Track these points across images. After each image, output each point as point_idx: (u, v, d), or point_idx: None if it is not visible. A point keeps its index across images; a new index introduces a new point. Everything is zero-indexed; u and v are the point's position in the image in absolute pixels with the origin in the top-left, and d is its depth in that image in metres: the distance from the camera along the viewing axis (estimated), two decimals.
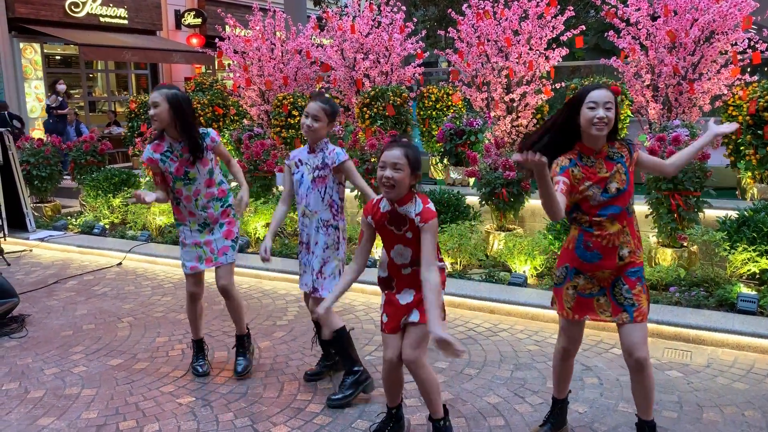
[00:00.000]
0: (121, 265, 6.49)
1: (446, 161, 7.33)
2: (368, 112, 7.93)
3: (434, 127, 8.20)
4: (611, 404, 3.38)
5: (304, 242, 3.51)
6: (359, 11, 8.78)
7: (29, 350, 4.30)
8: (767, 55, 6.97)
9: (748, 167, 6.17)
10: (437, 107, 8.42)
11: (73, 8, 14.26)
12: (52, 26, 13.69)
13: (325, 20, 8.91)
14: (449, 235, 5.46)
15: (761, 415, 3.25)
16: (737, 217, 4.91)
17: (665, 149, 5.11)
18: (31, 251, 7.18)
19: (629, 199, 2.67)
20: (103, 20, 14.94)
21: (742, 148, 6.24)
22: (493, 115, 7.63)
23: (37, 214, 8.26)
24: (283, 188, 3.60)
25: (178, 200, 3.68)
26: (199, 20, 16.97)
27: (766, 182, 6.01)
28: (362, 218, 2.87)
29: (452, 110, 8.15)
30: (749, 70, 6.56)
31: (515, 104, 7.64)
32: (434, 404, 2.89)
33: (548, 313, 4.61)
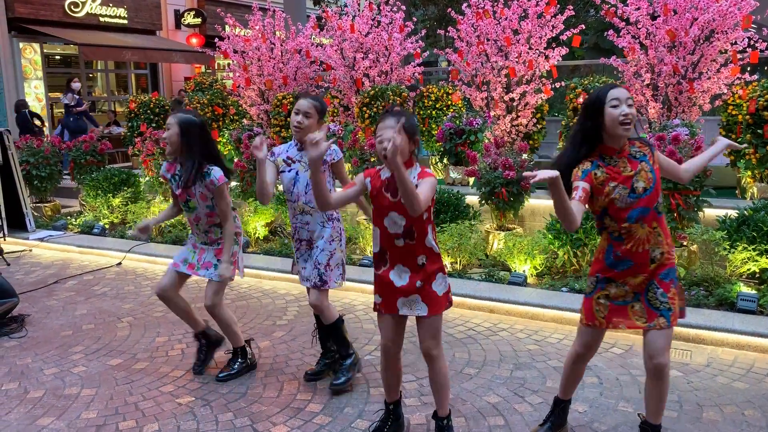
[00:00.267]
0: (120, 265, 6.49)
1: (446, 161, 7.33)
2: (368, 111, 7.93)
3: (434, 126, 8.20)
4: (611, 404, 3.38)
5: (304, 240, 3.51)
6: (359, 11, 8.78)
7: (29, 350, 4.30)
8: (767, 54, 6.97)
9: (747, 166, 6.17)
10: (437, 107, 8.41)
11: (72, 8, 14.26)
12: (51, 26, 13.69)
13: (324, 20, 8.91)
14: (449, 234, 5.46)
15: (761, 414, 3.25)
16: (737, 216, 4.91)
17: (665, 149, 5.11)
18: (30, 251, 7.18)
19: (657, 197, 2.60)
20: (102, 20, 14.94)
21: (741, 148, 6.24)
22: (492, 114, 7.63)
23: (36, 214, 8.26)
24: (264, 179, 3.30)
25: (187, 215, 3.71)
26: (198, 20, 16.97)
27: (765, 181, 6.01)
28: (360, 176, 2.84)
29: (452, 110, 8.14)
30: (749, 69, 6.56)
31: (515, 103, 7.64)
32: (444, 400, 2.90)
33: (548, 312, 4.61)
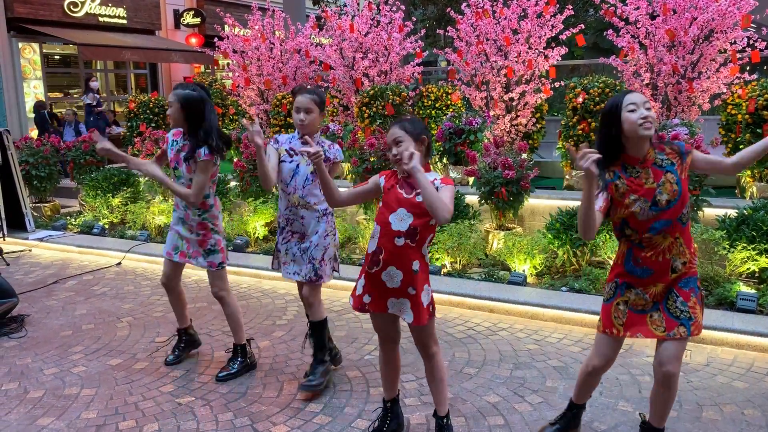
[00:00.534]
0: (120, 264, 6.49)
1: (445, 160, 7.33)
2: (367, 111, 7.93)
3: (433, 126, 8.20)
4: (611, 403, 3.38)
5: (296, 232, 3.51)
6: (358, 10, 8.78)
7: (28, 350, 4.30)
8: (766, 53, 6.98)
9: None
10: (436, 106, 8.41)
11: (71, 8, 14.25)
12: (50, 26, 13.68)
13: (324, 19, 8.92)
14: (448, 234, 5.46)
15: (761, 413, 3.25)
16: (736, 215, 4.91)
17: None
18: (30, 251, 7.17)
19: (682, 209, 2.52)
20: (101, 20, 14.94)
21: (741, 146, 6.25)
22: (492, 114, 7.63)
23: (36, 214, 8.26)
24: (265, 164, 3.29)
25: None
26: (198, 20, 16.97)
27: (765, 181, 6.02)
28: (375, 177, 2.87)
29: (451, 109, 8.14)
30: (748, 68, 6.56)
31: (514, 103, 7.64)
32: (443, 396, 2.91)
33: (548, 312, 4.61)
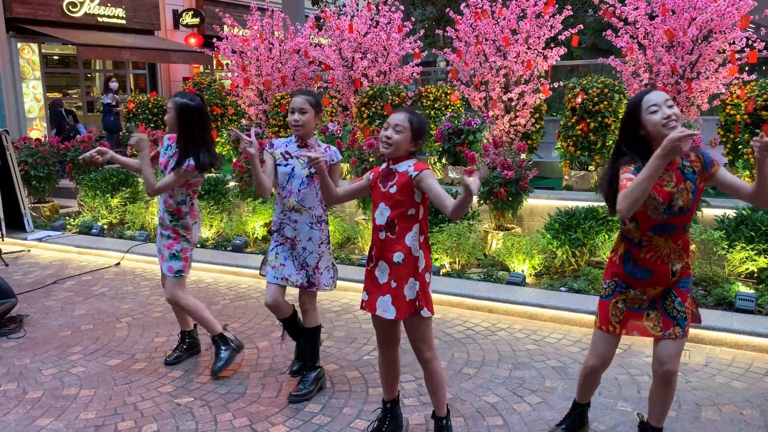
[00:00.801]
0: (119, 265, 6.48)
1: (444, 160, 7.33)
2: (366, 111, 7.93)
3: (432, 126, 8.20)
4: (610, 403, 3.38)
5: (288, 237, 3.47)
6: (357, 10, 8.78)
7: (27, 351, 4.29)
8: (764, 53, 6.98)
9: (745, 166, 6.17)
10: (435, 107, 8.41)
11: (70, 8, 14.23)
12: (49, 26, 13.65)
13: (323, 20, 8.91)
14: (447, 234, 5.46)
15: (759, 413, 3.26)
16: (735, 216, 4.91)
17: None
18: (29, 251, 7.17)
19: (689, 219, 2.54)
20: (100, 20, 14.91)
21: (739, 147, 6.25)
22: (491, 114, 7.63)
23: (35, 214, 8.25)
24: (260, 172, 3.28)
25: None
26: (197, 20, 16.95)
27: None
28: (368, 173, 2.92)
29: (450, 110, 8.14)
30: (747, 68, 6.56)
31: (513, 103, 7.64)
32: (441, 400, 2.91)
33: (546, 312, 4.61)
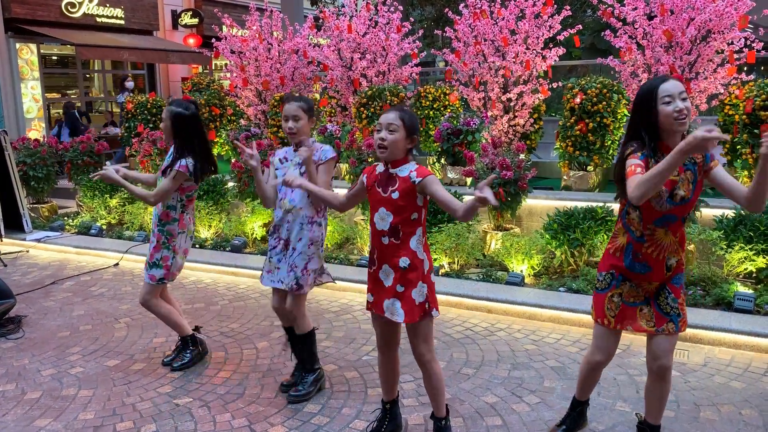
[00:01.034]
0: (118, 265, 6.48)
1: (443, 161, 7.33)
2: (365, 111, 7.93)
3: (431, 126, 8.20)
4: (609, 403, 3.38)
5: (282, 239, 3.45)
6: (356, 11, 8.78)
7: (26, 351, 4.29)
8: (763, 54, 6.99)
9: (744, 166, 6.18)
10: (434, 107, 8.42)
11: (69, 8, 14.22)
12: (48, 26, 13.64)
13: (322, 20, 8.91)
14: (446, 234, 5.46)
15: (758, 413, 3.26)
16: (734, 216, 4.92)
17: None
18: (27, 252, 7.17)
19: (690, 210, 2.53)
20: (99, 20, 14.90)
21: (738, 147, 6.25)
22: (490, 114, 7.64)
23: (33, 214, 8.24)
24: (262, 185, 3.48)
25: None
26: (195, 20, 16.94)
27: None
28: (361, 176, 2.90)
29: (449, 110, 8.14)
30: (745, 69, 6.57)
31: (512, 104, 7.64)
32: (441, 402, 2.90)
33: (545, 312, 4.61)
